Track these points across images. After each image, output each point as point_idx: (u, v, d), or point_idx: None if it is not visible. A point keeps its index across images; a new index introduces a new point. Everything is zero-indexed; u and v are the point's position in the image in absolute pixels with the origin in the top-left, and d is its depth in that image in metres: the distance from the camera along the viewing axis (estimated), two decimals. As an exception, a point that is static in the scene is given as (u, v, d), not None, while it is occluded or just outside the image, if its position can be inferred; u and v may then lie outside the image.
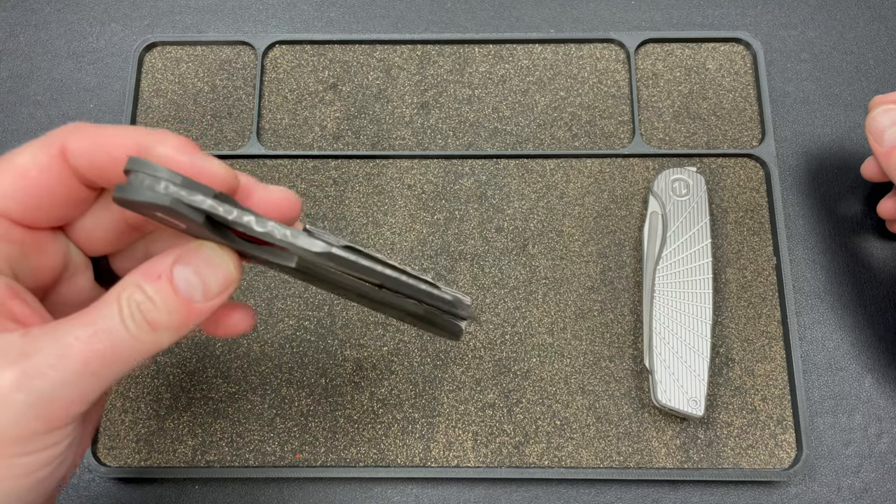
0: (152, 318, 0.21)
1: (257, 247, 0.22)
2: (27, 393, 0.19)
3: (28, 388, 0.19)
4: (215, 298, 0.22)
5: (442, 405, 0.36)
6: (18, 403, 0.19)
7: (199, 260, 0.22)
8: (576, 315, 0.37)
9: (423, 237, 0.39)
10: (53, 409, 0.20)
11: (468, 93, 0.42)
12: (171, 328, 0.21)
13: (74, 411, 0.21)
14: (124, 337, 0.21)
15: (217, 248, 0.22)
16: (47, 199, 0.22)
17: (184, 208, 0.20)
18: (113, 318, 0.20)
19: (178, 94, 0.42)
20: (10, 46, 0.44)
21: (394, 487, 0.35)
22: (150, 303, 0.21)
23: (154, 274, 0.21)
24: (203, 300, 0.22)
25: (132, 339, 0.21)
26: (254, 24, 0.44)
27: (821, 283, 0.39)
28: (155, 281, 0.21)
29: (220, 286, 0.22)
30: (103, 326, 0.20)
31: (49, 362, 0.20)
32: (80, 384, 0.20)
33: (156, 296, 0.21)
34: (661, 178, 0.38)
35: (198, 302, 0.22)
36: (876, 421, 0.36)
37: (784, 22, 0.44)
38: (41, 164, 0.22)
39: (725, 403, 0.36)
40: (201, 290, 0.22)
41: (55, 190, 0.22)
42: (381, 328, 0.37)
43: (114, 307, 0.21)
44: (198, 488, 0.35)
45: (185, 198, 0.20)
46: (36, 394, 0.19)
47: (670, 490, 0.35)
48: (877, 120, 0.34)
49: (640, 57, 0.42)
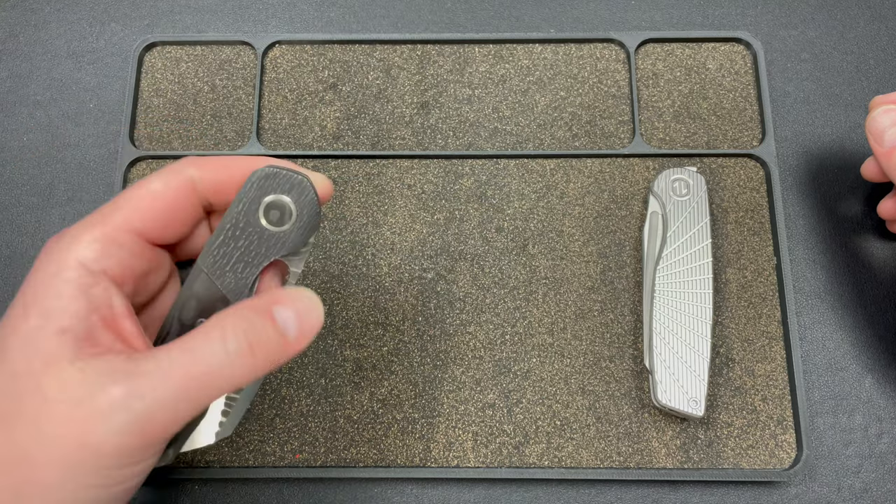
0: (256, 343, 0.23)
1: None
2: (129, 411, 0.21)
3: (131, 406, 0.21)
4: (308, 337, 0.24)
5: (442, 405, 0.36)
6: (121, 420, 0.21)
7: (299, 303, 0.24)
8: (576, 315, 0.37)
9: (423, 237, 0.39)
10: (151, 428, 0.22)
11: (468, 93, 0.42)
12: (269, 355, 0.23)
13: (169, 431, 0.22)
14: (223, 362, 0.22)
15: (311, 293, 0.24)
16: (177, 220, 0.25)
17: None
18: (213, 344, 0.22)
19: (178, 94, 0.42)
20: (10, 46, 0.44)
21: (394, 487, 0.35)
22: (252, 329, 0.23)
23: (257, 309, 0.23)
24: (295, 339, 0.24)
25: (230, 363, 0.22)
26: (254, 24, 0.44)
27: (821, 283, 0.38)
28: (258, 315, 0.23)
29: (313, 326, 0.24)
30: (204, 353, 0.22)
31: (152, 384, 0.21)
32: (177, 407, 0.22)
33: (259, 327, 0.23)
34: (662, 178, 0.38)
35: (292, 339, 0.24)
36: (876, 421, 0.36)
37: (784, 22, 0.44)
38: (174, 189, 0.25)
39: (725, 403, 0.36)
40: (297, 328, 0.24)
41: (184, 211, 0.25)
42: (381, 328, 0.37)
43: (215, 333, 0.22)
44: (198, 488, 0.35)
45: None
46: (137, 412, 0.21)
47: (670, 490, 0.35)
48: (877, 120, 0.34)
49: (640, 57, 0.42)
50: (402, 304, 0.38)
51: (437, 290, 0.38)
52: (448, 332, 0.37)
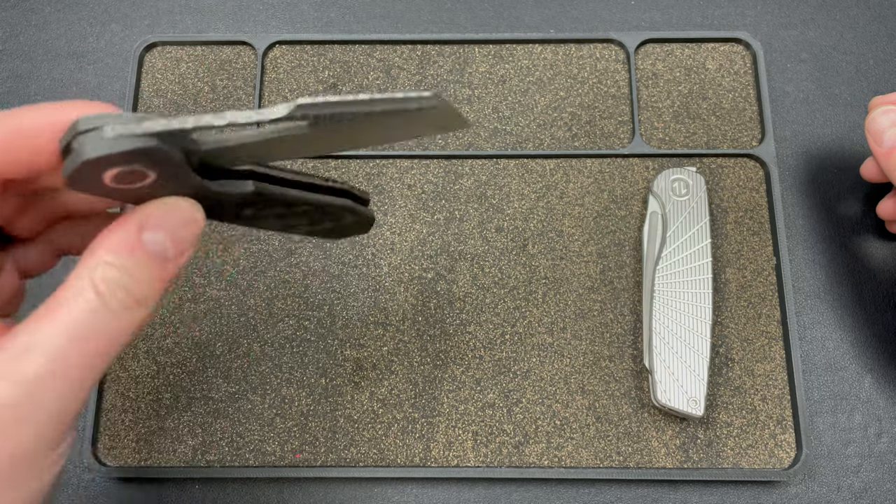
0: (139, 293, 0.20)
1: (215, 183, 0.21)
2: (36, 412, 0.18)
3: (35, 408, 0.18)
4: (187, 252, 0.21)
5: (442, 405, 0.36)
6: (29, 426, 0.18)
7: (169, 219, 0.20)
8: (576, 315, 0.37)
9: (423, 237, 0.39)
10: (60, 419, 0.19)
11: (468, 93, 0.42)
12: (154, 290, 0.20)
13: (77, 410, 0.20)
14: (109, 322, 0.19)
15: (182, 200, 0.21)
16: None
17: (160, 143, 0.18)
18: (91, 306, 0.19)
19: (178, 94, 0.42)
20: (10, 46, 0.44)
21: (394, 487, 0.35)
22: (130, 279, 0.20)
23: (125, 246, 0.20)
24: (176, 256, 0.21)
25: (118, 320, 0.19)
26: (254, 24, 0.44)
27: (821, 283, 0.39)
28: (129, 254, 0.20)
29: (192, 240, 0.21)
30: (84, 319, 0.19)
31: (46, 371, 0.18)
32: (81, 386, 0.19)
33: (135, 269, 0.20)
34: (661, 178, 0.38)
35: (171, 260, 0.21)
36: (876, 421, 0.36)
37: (784, 22, 0.44)
38: None
39: (725, 403, 0.36)
40: (173, 249, 0.21)
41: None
42: (381, 328, 0.37)
43: (89, 294, 0.19)
44: (198, 488, 0.35)
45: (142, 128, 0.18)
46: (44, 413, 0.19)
47: (670, 490, 0.35)
48: (876, 121, 0.34)
49: (640, 57, 0.42)
50: (402, 304, 0.38)
51: (437, 289, 0.38)
52: (448, 331, 0.37)
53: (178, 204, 0.21)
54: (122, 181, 0.19)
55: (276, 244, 0.39)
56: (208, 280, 0.38)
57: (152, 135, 0.18)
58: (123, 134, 0.18)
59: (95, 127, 0.18)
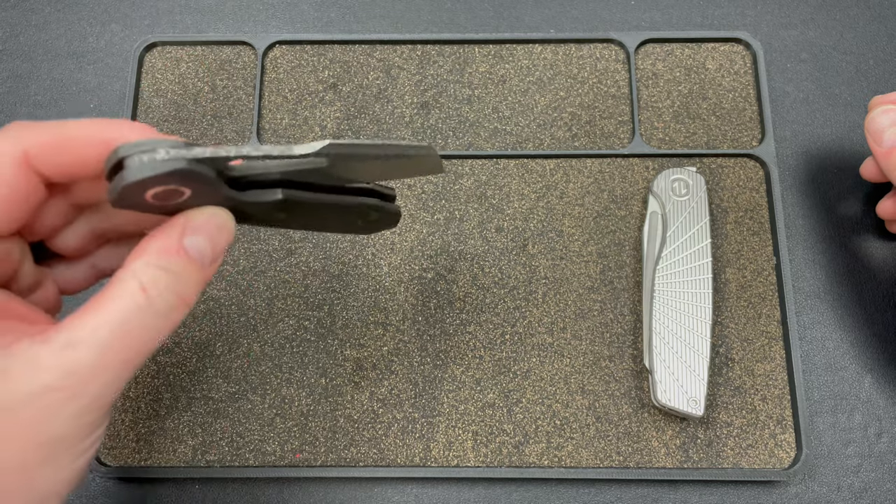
0: (182, 293, 0.22)
1: (245, 193, 0.23)
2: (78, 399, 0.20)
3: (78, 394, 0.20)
4: (221, 257, 0.23)
5: (442, 405, 0.36)
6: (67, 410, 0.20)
7: (207, 225, 0.22)
8: (576, 315, 0.37)
9: (423, 237, 0.39)
10: (98, 404, 0.21)
11: (468, 93, 0.42)
12: (195, 293, 0.22)
13: (113, 399, 0.21)
14: (152, 320, 0.21)
15: (217, 209, 0.23)
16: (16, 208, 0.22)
17: (196, 165, 0.20)
18: (137, 304, 0.21)
19: (178, 94, 0.42)
20: (10, 46, 0.44)
21: (394, 487, 0.35)
22: (177, 280, 0.21)
23: (171, 250, 0.22)
24: (211, 263, 0.23)
25: (161, 319, 0.21)
26: (254, 24, 0.44)
27: (821, 283, 0.39)
28: (175, 257, 0.21)
29: (225, 244, 0.23)
30: (129, 316, 0.20)
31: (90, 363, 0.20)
32: (120, 377, 0.21)
33: (182, 271, 0.22)
34: (661, 178, 0.38)
35: (207, 265, 0.23)
36: (876, 421, 0.36)
37: (784, 22, 0.44)
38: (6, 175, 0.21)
39: (725, 403, 0.36)
40: (210, 253, 0.22)
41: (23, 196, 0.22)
42: (381, 328, 0.37)
43: (135, 292, 0.21)
44: (198, 488, 0.35)
45: (193, 154, 0.20)
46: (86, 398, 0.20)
47: (670, 490, 0.35)
48: (876, 120, 0.34)
49: (640, 57, 0.42)
50: (402, 304, 0.38)
51: (437, 289, 0.38)
52: (448, 331, 0.37)
53: (215, 212, 0.23)
54: (161, 198, 0.21)
55: (276, 244, 0.39)
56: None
57: (198, 160, 0.20)
58: (174, 157, 0.20)
59: (146, 150, 0.20)
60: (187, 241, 0.22)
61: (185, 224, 0.22)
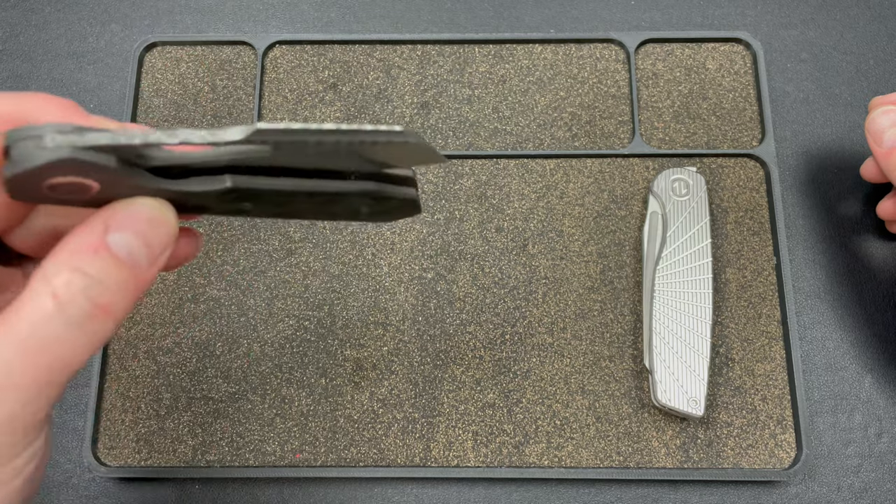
0: (105, 302, 0.18)
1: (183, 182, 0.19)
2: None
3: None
4: (161, 257, 0.19)
5: (442, 405, 0.36)
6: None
7: (134, 219, 0.19)
8: (576, 315, 0.37)
9: (423, 237, 0.39)
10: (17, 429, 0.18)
11: (468, 93, 0.42)
12: (125, 306, 0.19)
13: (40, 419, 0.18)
14: (67, 332, 0.17)
15: (149, 200, 0.19)
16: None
17: (87, 154, 0.17)
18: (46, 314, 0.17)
19: (178, 94, 0.42)
20: (10, 46, 0.44)
21: (394, 487, 0.35)
22: (96, 285, 0.18)
23: (88, 248, 0.18)
24: (149, 264, 0.19)
25: (78, 330, 0.18)
26: (254, 24, 0.44)
27: (821, 283, 0.39)
28: (92, 256, 0.18)
29: (164, 242, 0.19)
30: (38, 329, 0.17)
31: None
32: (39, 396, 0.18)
33: (100, 274, 0.18)
34: (661, 178, 0.38)
35: (144, 267, 0.19)
36: (876, 421, 0.36)
37: (784, 22, 0.44)
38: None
39: (725, 403, 0.36)
40: (145, 252, 0.19)
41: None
42: (381, 328, 0.37)
43: (47, 303, 0.17)
44: (198, 488, 0.35)
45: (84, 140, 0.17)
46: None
47: (670, 490, 0.35)
48: (876, 121, 0.34)
49: (640, 57, 0.42)
50: (402, 304, 0.38)
51: (437, 289, 0.38)
52: (448, 331, 0.37)
53: (146, 203, 0.19)
54: (67, 191, 0.18)
55: (276, 244, 0.39)
56: (208, 280, 0.38)
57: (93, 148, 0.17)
58: (60, 145, 0.17)
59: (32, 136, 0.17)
60: (111, 239, 0.18)
61: (108, 217, 0.18)
